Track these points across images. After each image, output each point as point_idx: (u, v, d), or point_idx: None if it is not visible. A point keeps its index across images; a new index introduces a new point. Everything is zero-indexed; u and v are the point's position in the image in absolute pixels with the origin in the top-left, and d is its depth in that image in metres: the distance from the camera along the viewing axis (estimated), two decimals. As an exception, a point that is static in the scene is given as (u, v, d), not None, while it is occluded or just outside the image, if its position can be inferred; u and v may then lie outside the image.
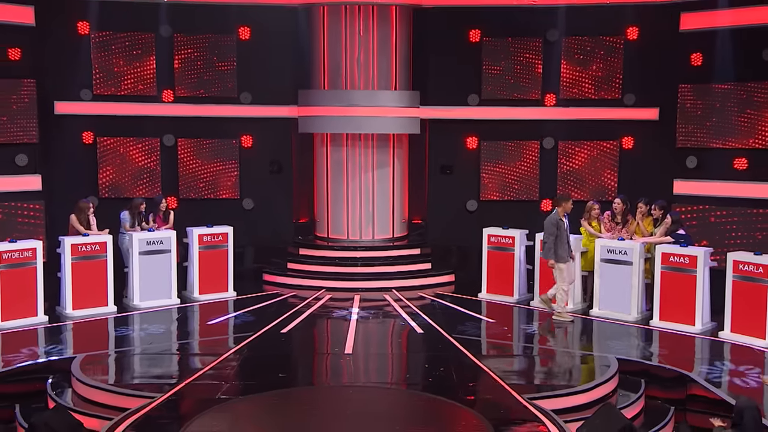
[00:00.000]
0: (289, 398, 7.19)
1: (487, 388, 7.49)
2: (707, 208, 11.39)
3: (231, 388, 7.40)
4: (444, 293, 11.42)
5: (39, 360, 8.21)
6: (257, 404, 7.03)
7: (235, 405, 6.94)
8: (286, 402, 7.14)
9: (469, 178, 12.57)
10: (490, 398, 7.24)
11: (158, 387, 7.42)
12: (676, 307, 9.35)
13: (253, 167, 12.54)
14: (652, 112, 12.05)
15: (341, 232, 12.76)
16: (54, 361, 8.20)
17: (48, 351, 8.52)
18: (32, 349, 8.57)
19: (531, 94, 12.40)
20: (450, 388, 7.44)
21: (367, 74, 12.30)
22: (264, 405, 7.03)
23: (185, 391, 7.30)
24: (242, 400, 7.08)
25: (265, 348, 8.79)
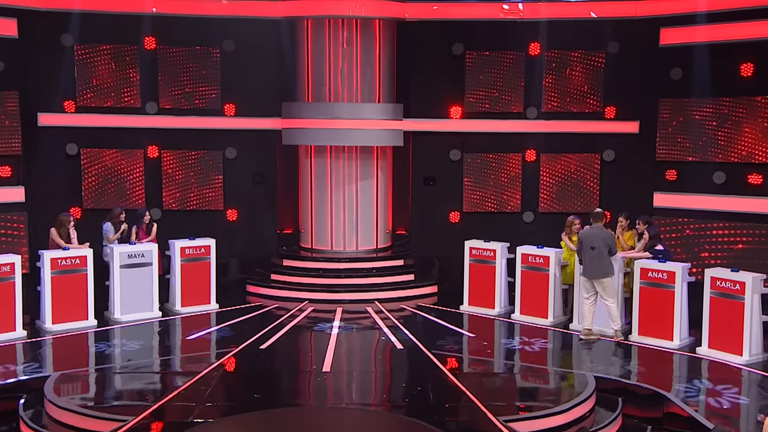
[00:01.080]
0: (261, 422, 6.90)
1: (464, 409, 7.25)
2: (686, 221, 11.28)
3: (204, 410, 7.11)
4: (426, 305, 11.25)
5: (13, 379, 7.89)
6: (229, 429, 6.75)
7: (205, 430, 6.65)
8: (258, 426, 6.85)
9: (452, 190, 12.40)
10: (465, 420, 7.02)
11: (131, 408, 7.14)
12: (655, 322, 9.19)
13: (237, 179, 12.35)
14: (632, 125, 11.96)
15: (325, 243, 12.56)
16: (28, 379, 7.89)
17: (23, 368, 8.24)
18: (8, 367, 8.27)
19: (513, 107, 12.26)
20: (426, 409, 7.20)
21: (351, 87, 12.13)
22: (236, 430, 6.75)
23: (157, 414, 7.02)
24: (213, 424, 6.80)
25: (243, 365, 8.56)
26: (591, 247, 8.98)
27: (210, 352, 9.07)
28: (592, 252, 9.01)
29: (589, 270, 9.10)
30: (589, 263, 9.09)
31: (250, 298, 11.56)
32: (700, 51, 10.93)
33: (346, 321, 10.28)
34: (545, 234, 11.03)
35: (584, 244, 9.07)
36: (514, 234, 11.54)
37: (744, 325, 8.42)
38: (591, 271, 9.09)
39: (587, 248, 9.03)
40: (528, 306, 10.32)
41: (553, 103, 12.15)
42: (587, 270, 9.10)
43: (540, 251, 10.27)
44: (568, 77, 12.03)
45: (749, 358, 8.44)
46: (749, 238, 10.78)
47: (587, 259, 9.06)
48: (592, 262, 9.06)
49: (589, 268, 9.11)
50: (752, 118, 10.74)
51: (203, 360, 8.67)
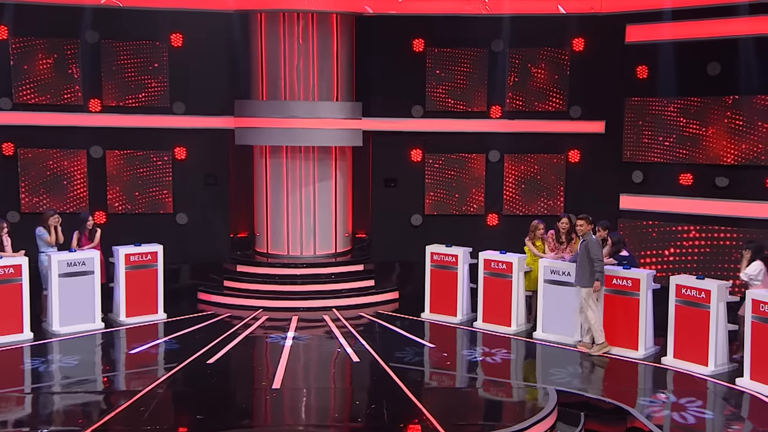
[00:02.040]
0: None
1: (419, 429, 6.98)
2: (653, 224, 11.23)
3: (140, 435, 6.77)
4: (386, 312, 11.07)
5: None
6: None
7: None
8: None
9: (413, 192, 12.25)
10: (420, 441, 6.78)
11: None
12: (620, 331, 9.07)
13: (187, 180, 12.04)
14: (598, 125, 11.88)
15: (281, 247, 12.31)
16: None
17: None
18: (-70, 388, 7.83)
19: (476, 106, 12.12)
20: (380, 430, 6.95)
21: (307, 84, 11.87)
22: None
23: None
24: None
25: (188, 382, 8.23)
26: None
27: (154, 368, 8.73)
28: None
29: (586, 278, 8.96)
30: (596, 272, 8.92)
31: (201, 307, 11.29)
32: (666, 49, 10.88)
33: (302, 331, 10.07)
34: (509, 237, 10.98)
35: None
36: (477, 237, 11.43)
37: (709, 335, 8.34)
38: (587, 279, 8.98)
39: None
40: (491, 314, 10.17)
41: (517, 102, 12.07)
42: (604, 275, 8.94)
43: (503, 257, 10.12)
44: (533, 75, 11.94)
45: (714, 368, 8.37)
46: (717, 242, 10.77)
47: None
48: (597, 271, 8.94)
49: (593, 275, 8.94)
50: (720, 119, 10.72)
51: (145, 376, 8.34)
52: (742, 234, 10.52)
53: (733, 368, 8.41)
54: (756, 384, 7.88)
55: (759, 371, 7.82)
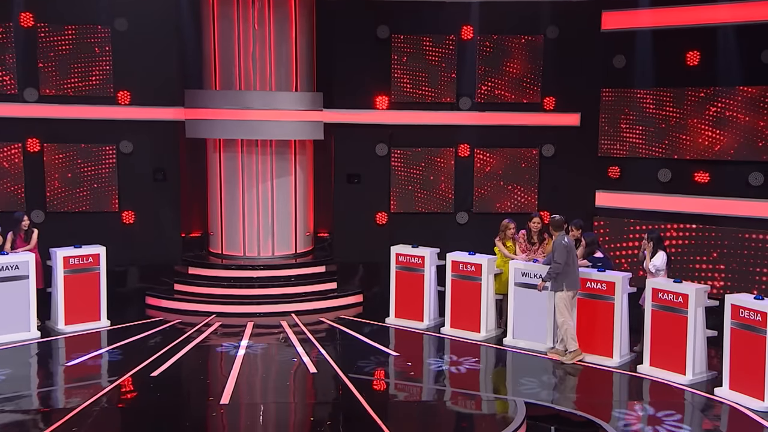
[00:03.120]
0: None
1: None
2: (630, 221, 11.18)
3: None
4: (348, 318, 10.92)
5: None
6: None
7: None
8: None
9: (378, 188, 12.12)
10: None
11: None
12: (594, 338, 8.97)
13: (134, 176, 11.81)
14: (573, 117, 11.82)
15: (237, 248, 12.12)
16: None
17: None
18: None
19: (445, 97, 11.97)
20: (333, 450, 6.73)
21: (264, 73, 11.68)
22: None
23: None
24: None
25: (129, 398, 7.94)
26: (575, 255, 8.84)
27: (92, 381, 8.36)
28: (577, 260, 8.85)
29: (578, 279, 8.84)
30: (578, 272, 8.84)
31: (149, 313, 11.06)
32: (644, 37, 10.83)
33: (257, 338, 9.86)
34: (480, 236, 10.84)
35: (573, 253, 8.80)
36: (446, 238, 11.33)
37: (687, 342, 8.24)
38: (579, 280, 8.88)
39: (574, 256, 8.77)
40: (459, 319, 10.04)
41: (487, 93, 11.91)
42: (578, 280, 8.83)
43: (472, 258, 9.98)
44: (504, 64, 11.87)
45: (692, 377, 8.27)
46: (697, 242, 10.73)
47: (576, 267, 8.79)
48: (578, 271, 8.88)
49: (578, 277, 8.84)
50: (699, 111, 10.67)
51: (82, 391, 7.98)
52: (721, 233, 10.49)
53: (712, 376, 8.32)
54: (735, 394, 7.79)
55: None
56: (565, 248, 8.66)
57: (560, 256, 8.65)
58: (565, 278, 8.72)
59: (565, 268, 8.66)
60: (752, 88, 10.21)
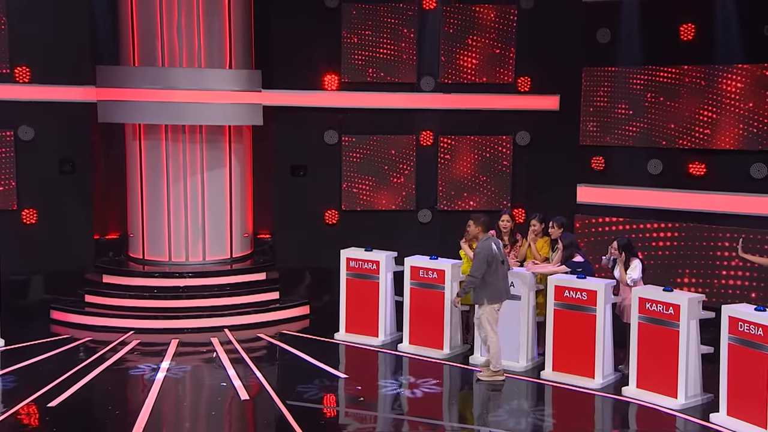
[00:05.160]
0: None
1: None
2: (615, 220, 11.25)
3: None
4: (292, 333, 10.84)
5: None
6: None
7: None
8: None
9: (327, 182, 12.13)
10: None
11: None
12: (573, 354, 8.87)
13: (36, 167, 11.67)
14: (551, 100, 11.92)
15: (161, 252, 11.98)
16: None
17: None
18: None
19: (404, 77, 12.04)
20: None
21: (192, 47, 11.50)
22: None
23: None
24: None
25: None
26: (502, 261, 8.84)
27: None
28: (503, 266, 8.84)
29: (505, 290, 8.87)
30: (503, 282, 8.84)
31: (54, 329, 10.87)
32: (630, 8, 10.92)
33: (180, 359, 9.71)
34: (444, 238, 10.91)
35: (495, 260, 8.72)
36: (406, 239, 11.41)
37: (679, 360, 8.14)
38: (507, 290, 8.91)
39: (498, 264, 8.75)
40: (419, 334, 9.94)
41: (453, 72, 11.94)
42: (504, 291, 8.83)
43: (433, 263, 9.89)
44: (472, 39, 11.91)
45: (685, 401, 8.16)
46: (690, 242, 10.76)
47: (500, 277, 8.77)
48: (506, 280, 8.88)
49: (505, 287, 8.86)
50: (695, 94, 10.71)
51: None
52: (721, 234, 10.52)
53: (707, 400, 8.24)
54: (734, 421, 7.68)
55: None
56: (484, 258, 8.64)
57: (476, 268, 8.66)
58: (484, 291, 8.73)
59: (487, 279, 8.67)
60: (755, 66, 10.24)
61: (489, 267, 8.63)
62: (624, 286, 8.84)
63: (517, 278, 9.21)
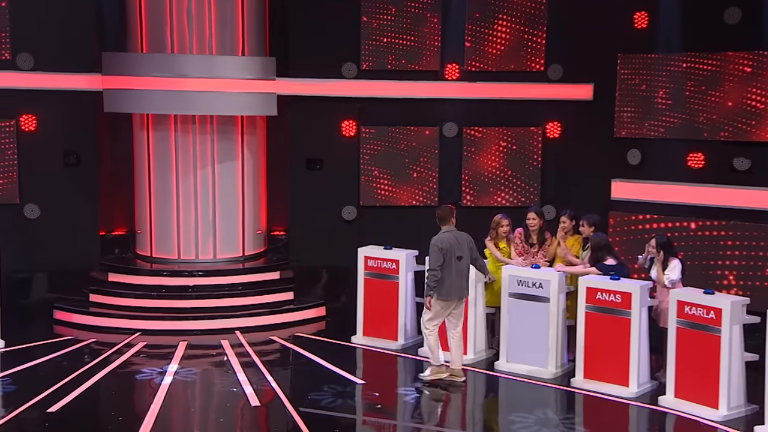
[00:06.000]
0: None
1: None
2: (652, 218, 11.15)
3: None
4: (307, 336, 10.90)
5: None
6: None
7: None
8: None
9: (345, 176, 12.17)
10: None
11: None
12: (605, 361, 8.84)
13: (39, 160, 11.75)
14: (584, 89, 11.87)
15: (170, 249, 12.10)
16: None
17: None
18: None
19: (427, 64, 12.04)
20: None
21: (202, 33, 11.60)
22: None
23: None
24: None
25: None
26: (458, 257, 8.97)
27: None
28: (460, 263, 8.97)
29: (457, 288, 8.99)
30: (457, 279, 8.97)
31: (58, 330, 10.98)
32: None
33: (188, 362, 9.75)
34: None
35: (450, 254, 8.90)
36: (428, 237, 10.91)
37: (720, 368, 8.05)
38: (460, 288, 9.03)
39: (453, 259, 8.92)
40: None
41: (479, 60, 11.93)
42: (455, 288, 8.96)
43: None
44: (500, 24, 11.89)
45: (727, 412, 8.08)
46: (733, 242, 10.65)
47: (455, 273, 8.93)
48: (461, 277, 9.01)
49: (457, 285, 8.98)
50: (740, 82, 10.58)
51: None
52: (765, 232, 10.39)
53: (751, 411, 8.15)
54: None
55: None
56: (437, 250, 8.83)
57: (432, 261, 8.86)
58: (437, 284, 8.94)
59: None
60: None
61: (444, 261, 8.83)
62: (661, 287, 8.77)
63: (546, 279, 9.18)
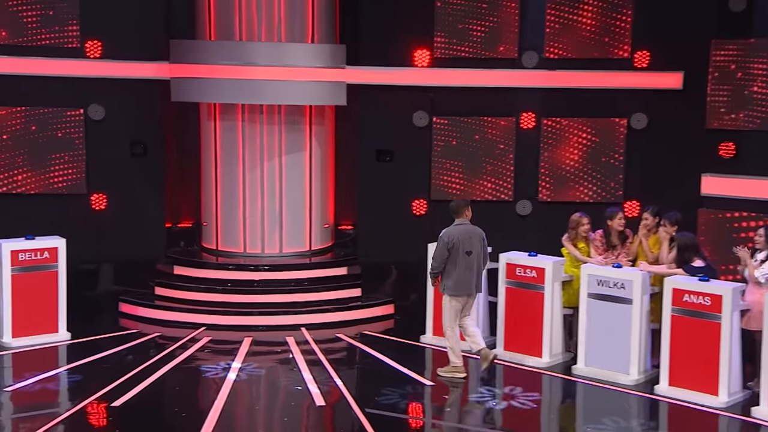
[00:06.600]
0: None
1: None
2: (746, 215, 10.91)
3: None
4: (374, 334, 10.93)
5: None
6: None
7: None
8: None
9: (416, 169, 12.21)
10: None
11: None
12: (693, 367, 8.66)
13: (106, 149, 11.95)
14: (673, 77, 11.70)
15: (235, 243, 12.24)
16: None
17: None
18: None
19: (504, 51, 11.99)
20: None
21: (271, 19, 11.71)
22: None
23: None
24: None
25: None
26: (467, 251, 9.15)
27: (36, 413, 8.26)
28: (469, 258, 9.16)
29: (465, 283, 9.21)
30: (465, 273, 9.17)
31: (123, 323, 11.17)
32: None
33: (252, 359, 9.84)
34: (546, 232, 10.72)
35: (457, 248, 9.13)
36: (502, 233, 11.27)
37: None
38: (468, 284, 9.23)
39: (461, 253, 9.13)
40: (515, 339, 9.92)
41: (559, 46, 11.89)
42: (462, 283, 9.19)
43: (532, 260, 9.84)
44: (583, 8, 11.83)
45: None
46: None
47: (463, 268, 9.15)
48: (469, 272, 9.19)
49: (465, 280, 9.19)
50: None
51: (21, 425, 7.98)
52: None
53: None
54: None
55: None
56: (443, 244, 9.09)
57: (437, 254, 9.16)
58: (446, 279, 9.19)
59: (447, 267, 9.13)
60: None
61: (450, 254, 9.06)
62: (753, 285, 8.52)
63: (629, 279, 9.05)
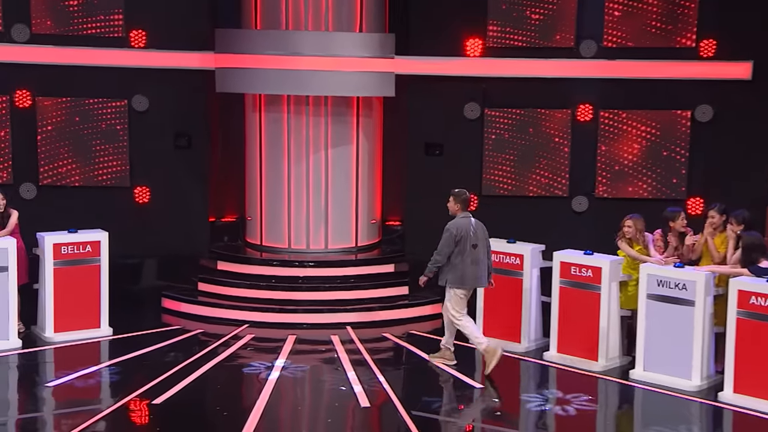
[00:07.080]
0: None
1: None
2: None
3: None
4: (422, 334, 10.89)
5: None
6: None
7: None
8: None
9: (467, 163, 12.17)
10: None
11: None
12: (760, 374, 8.50)
13: (149, 141, 12.08)
14: (742, 67, 11.56)
15: (280, 238, 12.27)
16: None
17: None
18: None
19: (560, 40, 11.94)
20: None
21: (318, 7, 11.73)
22: None
23: None
24: None
25: (120, 431, 8.01)
26: (474, 244, 9.41)
27: (76, 409, 8.38)
28: (476, 251, 9.41)
29: (472, 276, 9.47)
30: (472, 266, 9.41)
31: (165, 319, 11.31)
32: None
33: (296, 357, 9.90)
34: (603, 230, 10.65)
35: (465, 241, 9.36)
36: (556, 230, 11.39)
37: None
38: (475, 277, 9.50)
39: (468, 246, 9.37)
40: (569, 341, 9.85)
41: (620, 35, 11.78)
42: (469, 276, 9.44)
43: (588, 259, 9.75)
44: None
45: None
46: None
47: (470, 260, 9.38)
48: (476, 265, 9.43)
49: (472, 273, 9.45)
50: None
51: (62, 422, 8.05)
52: None
53: None
54: None
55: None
56: (451, 236, 9.31)
57: (441, 246, 9.36)
58: (448, 272, 9.38)
59: (452, 260, 9.32)
60: None
61: (456, 247, 9.27)
62: None
63: (691, 280, 8.93)
